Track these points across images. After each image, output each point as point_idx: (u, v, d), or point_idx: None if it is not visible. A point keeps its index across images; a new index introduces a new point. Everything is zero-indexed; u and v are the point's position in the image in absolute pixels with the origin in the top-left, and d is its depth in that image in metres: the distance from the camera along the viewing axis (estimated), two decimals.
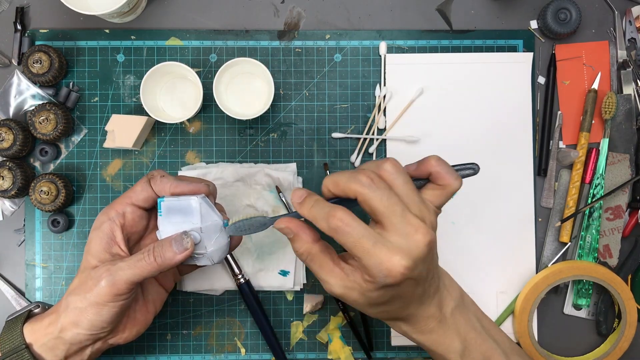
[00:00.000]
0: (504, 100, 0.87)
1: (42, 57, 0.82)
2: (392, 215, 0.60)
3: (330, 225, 0.60)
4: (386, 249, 0.59)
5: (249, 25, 0.87)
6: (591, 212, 0.86)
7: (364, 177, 0.61)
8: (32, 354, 0.68)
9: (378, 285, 0.61)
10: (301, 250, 0.65)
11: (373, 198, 0.60)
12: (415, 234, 0.60)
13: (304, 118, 0.87)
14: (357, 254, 0.60)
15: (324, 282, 0.64)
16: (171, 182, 0.69)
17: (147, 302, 0.74)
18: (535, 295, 0.83)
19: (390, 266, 0.59)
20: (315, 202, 0.63)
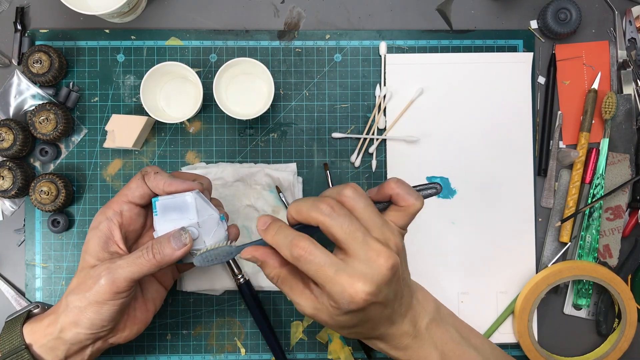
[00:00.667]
0: (504, 100, 0.87)
1: (42, 57, 0.82)
2: (353, 241, 0.61)
3: (293, 254, 0.61)
4: (347, 276, 0.60)
5: (249, 25, 0.87)
6: (591, 212, 0.86)
7: (324, 205, 0.62)
8: (31, 354, 0.68)
9: (343, 311, 0.61)
10: (271, 275, 0.66)
11: (334, 226, 0.61)
12: (378, 259, 0.60)
13: (304, 118, 0.87)
14: (319, 282, 0.61)
15: (296, 303, 0.65)
16: (165, 179, 0.69)
17: (147, 301, 0.74)
18: (535, 295, 0.83)
19: (353, 293, 0.59)
20: (279, 229, 0.64)
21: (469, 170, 0.86)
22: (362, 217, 0.63)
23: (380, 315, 0.64)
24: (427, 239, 0.86)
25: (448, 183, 0.86)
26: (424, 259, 0.86)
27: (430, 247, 0.86)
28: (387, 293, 0.62)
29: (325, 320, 0.64)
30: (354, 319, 0.63)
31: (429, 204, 0.86)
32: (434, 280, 0.86)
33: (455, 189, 0.86)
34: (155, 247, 0.67)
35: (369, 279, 0.60)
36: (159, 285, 0.75)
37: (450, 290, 0.86)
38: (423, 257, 0.86)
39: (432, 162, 0.86)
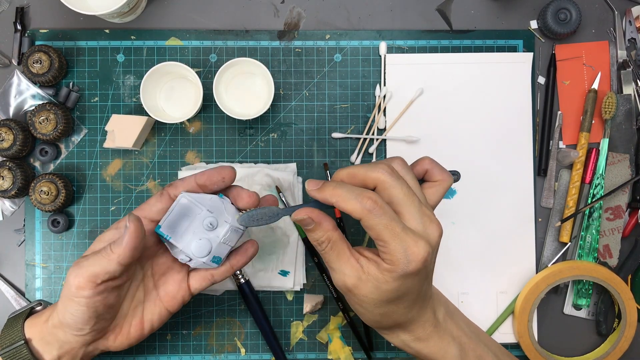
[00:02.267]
0: (504, 100, 0.87)
1: (42, 57, 0.82)
2: (411, 205, 0.61)
3: (364, 205, 0.60)
4: (412, 235, 0.60)
5: (249, 25, 0.87)
6: (591, 212, 0.86)
7: (385, 166, 0.62)
8: (29, 349, 0.68)
9: (397, 274, 0.60)
10: (323, 238, 0.64)
11: (395, 187, 0.61)
12: (431, 224, 0.62)
13: (304, 118, 0.87)
14: (385, 238, 0.60)
15: (338, 271, 0.64)
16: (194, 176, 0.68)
17: (144, 321, 0.71)
18: (535, 295, 0.83)
19: (417, 251, 0.60)
20: (339, 184, 0.62)
21: (468, 170, 0.86)
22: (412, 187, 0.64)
23: (419, 291, 0.64)
24: None
25: None
26: None
27: None
28: (430, 263, 0.62)
29: (367, 293, 0.62)
30: (401, 288, 0.61)
31: None
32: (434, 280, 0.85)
33: (455, 189, 0.86)
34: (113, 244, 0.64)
35: (426, 241, 0.61)
36: (162, 308, 0.71)
37: (450, 290, 0.86)
38: None
39: None
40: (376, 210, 0.60)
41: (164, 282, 0.71)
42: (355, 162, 0.86)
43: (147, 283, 0.71)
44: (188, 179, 0.68)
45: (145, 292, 0.71)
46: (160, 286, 0.71)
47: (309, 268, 0.86)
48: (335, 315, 0.86)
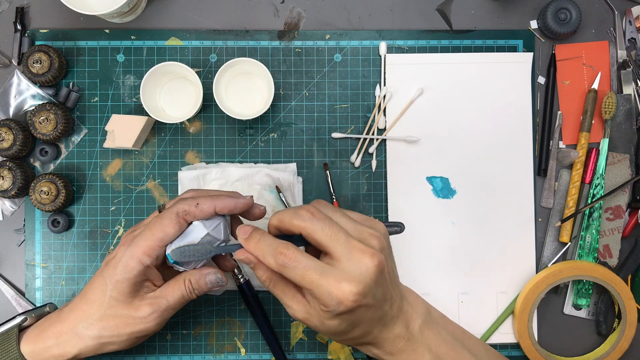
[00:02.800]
0: (504, 100, 0.87)
1: (42, 57, 0.82)
2: (336, 243, 0.61)
3: (277, 261, 0.62)
4: (333, 278, 0.60)
5: (249, 25, 0.87)
6: (591, 212, 0.86)
7: (303, 211, 0.63)
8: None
9: (333, 314, 0.61)
10: (263, 278, 0.66)
11: (315, 230, 0.62)
12: (363, 258, 0.61)
13: (304, 118, 0.87)
14: (306, 287, 0.61)
15: (287, 307, 0.66)
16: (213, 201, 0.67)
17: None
18: (535, 295, 0.83)
19: (340, 295, 0.60)
20: (262, 238, 0.64)
21: (469, 170, 0.86)
22: (340, 222, 0.64)
23: (372, 318, 0.64)
24: (427, 239, 0.86)
25: (448, 183, 0.86)
26: (423, 259, 0.86)
27: (430, 247, 0.86)
28: (375, 293, 0.62)
29: (316, 326, 0.64)
30: (344, 323, 0.63)
31: (429, 203, 0.86)
32: (435, 280, 0.86)
33: (455, 189, 0.86)
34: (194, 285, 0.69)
35: (355, 278, 0.60)
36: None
37: (450, 290, 0.86)
38: (423, 257, 0.86)
39: (432, 162, 0.86)
40: (289, 264, 0.61)
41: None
42: (355, 162, 0.86)
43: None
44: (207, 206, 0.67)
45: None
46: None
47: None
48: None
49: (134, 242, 0.67)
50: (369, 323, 0.64)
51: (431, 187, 0.86)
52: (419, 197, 0.86)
